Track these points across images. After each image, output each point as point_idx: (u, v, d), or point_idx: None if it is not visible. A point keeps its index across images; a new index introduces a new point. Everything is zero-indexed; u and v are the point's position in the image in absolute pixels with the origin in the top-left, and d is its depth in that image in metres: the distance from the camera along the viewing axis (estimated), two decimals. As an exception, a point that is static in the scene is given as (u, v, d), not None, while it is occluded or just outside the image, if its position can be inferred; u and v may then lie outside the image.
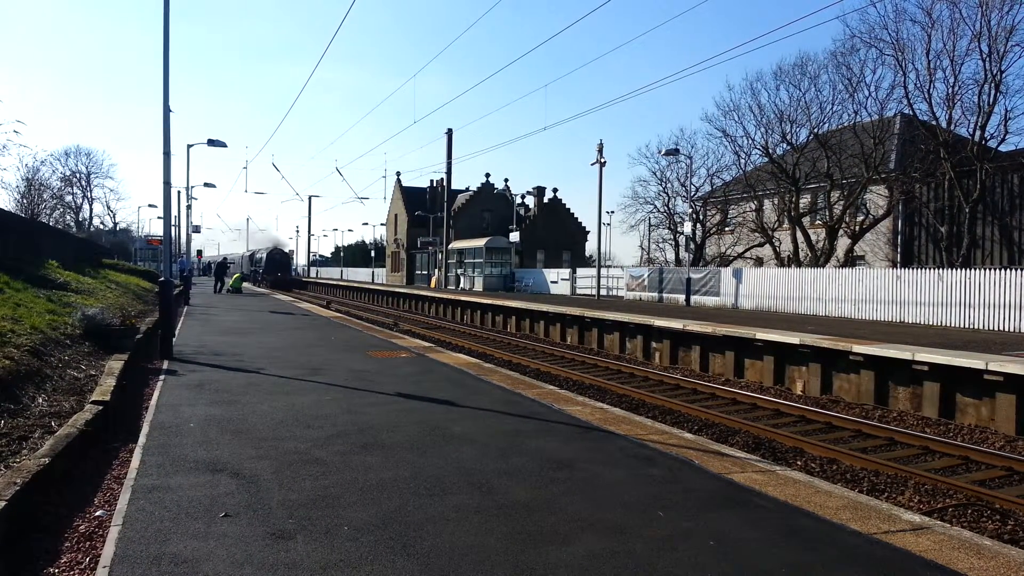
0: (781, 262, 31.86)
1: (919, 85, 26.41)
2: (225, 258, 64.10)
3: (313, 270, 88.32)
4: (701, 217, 38.32)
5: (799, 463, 8.64)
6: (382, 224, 74.27)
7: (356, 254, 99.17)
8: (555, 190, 61.11)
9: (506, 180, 67.94)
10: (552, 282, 39.77)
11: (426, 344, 15.75)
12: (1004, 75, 24.41)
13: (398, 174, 65.07)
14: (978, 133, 25.15)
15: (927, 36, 25.82)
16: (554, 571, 3.84)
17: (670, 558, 4.04)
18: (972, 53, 25.06)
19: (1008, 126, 25.11)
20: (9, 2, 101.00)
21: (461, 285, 46.33)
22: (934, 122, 26.40)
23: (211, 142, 27.95)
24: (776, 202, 34.25)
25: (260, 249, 70.10)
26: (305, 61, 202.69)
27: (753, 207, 34.92)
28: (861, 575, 3.88)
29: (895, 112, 29.39)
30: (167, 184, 13.00)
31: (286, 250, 69.54)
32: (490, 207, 59.75)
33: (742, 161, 35.09)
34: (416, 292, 40.47)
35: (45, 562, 4.14)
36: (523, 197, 58.58)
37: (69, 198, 54.78)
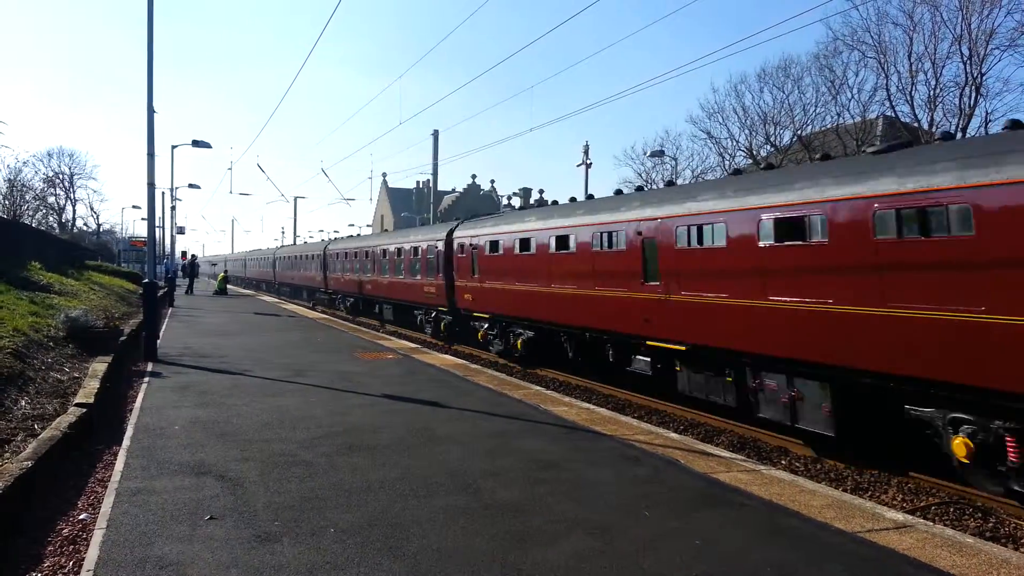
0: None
1: (901, 87, 26.70)
2: (194, 256, 57.63)
3: None
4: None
5: (784, 462, 8.70)
6: (368, 225, 74.21)
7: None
8: (541, 191, 61.23)
9: (492, 181, 67.91)
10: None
11: (412, 345, 15.72)
12: (984, 78, 24.75)
13: (384, 175, 65.15)
14: (960, 135, 25.42)
15: (909, 39, 26.10)
16: (541, 571, 3.85)
17: (656, 557, 4.06)
18: (953, 56, 25.35)
19: (989, 128, 25.40)
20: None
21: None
22: (916, 124, 26.67)
23: (196, 143, 27.70)
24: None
25: None
26: (290, 62, 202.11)
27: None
28: (845, 573, 3.92)
29: (877, 114, 29.65)
30: (151, 185, 12.91)
31: None
32: (477, 208, 59.70)
33: (726, 162, 35.26)
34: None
35: (27, 566, 4.10)
36: (509, 198, 58.55)
37: (52, 199, 53.95)
